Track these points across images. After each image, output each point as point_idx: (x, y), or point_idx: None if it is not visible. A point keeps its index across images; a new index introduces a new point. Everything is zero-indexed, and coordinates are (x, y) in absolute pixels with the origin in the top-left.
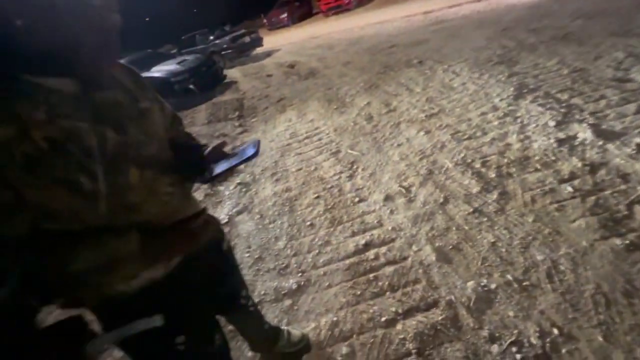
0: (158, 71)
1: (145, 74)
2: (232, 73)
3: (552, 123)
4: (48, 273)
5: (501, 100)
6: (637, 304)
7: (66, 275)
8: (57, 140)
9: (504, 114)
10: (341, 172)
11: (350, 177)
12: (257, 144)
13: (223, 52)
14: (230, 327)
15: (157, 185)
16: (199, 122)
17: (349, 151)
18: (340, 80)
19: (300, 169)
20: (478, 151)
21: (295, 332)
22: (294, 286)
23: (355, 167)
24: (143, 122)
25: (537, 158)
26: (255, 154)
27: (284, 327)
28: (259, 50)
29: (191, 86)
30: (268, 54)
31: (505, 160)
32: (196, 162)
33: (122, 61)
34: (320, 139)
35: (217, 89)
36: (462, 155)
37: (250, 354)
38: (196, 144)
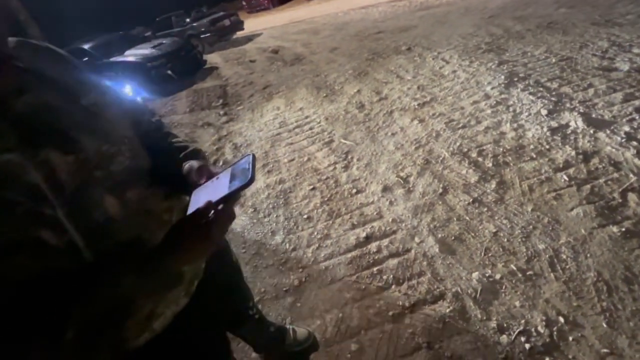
0: (132, 55)
1: (117, 58)
2: (212, 58)
3: (544, 112)
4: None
5: (492, 88)
6: (637, 290)
7: (63, 350)
8: None
9: (496, 102)
10: (336, 163)
11: (346, 167)
12: (250, 164)
13: (202, 36)
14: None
15: (150, 204)
16: (180, 111)
17: (343, 141)
18: (327, 66)
19: (293, 160)
20: (473, 140)
21: (301, 330)
22: (295, 282)
23: (350, 157)
24: (95, 125)
25: (531, 147)
26: (250, 182)
27: (288, 326)
28: (239, 34)
29: (169, 72)
30: (249, 38)
31: (501, 149)
32: (179, 177)
33: (87, 46)
34: (311, 129)
35: (197, 75)
36: (457, 144)
37: (254, 355)
38: (177, 146)
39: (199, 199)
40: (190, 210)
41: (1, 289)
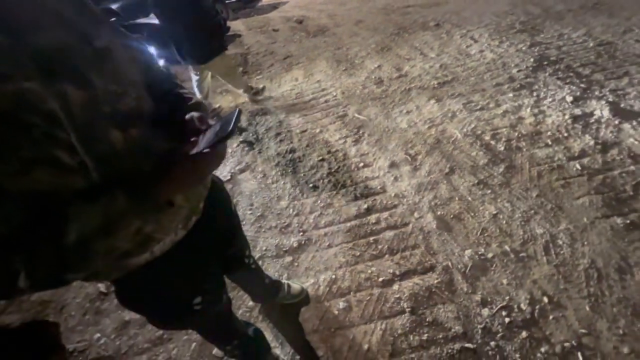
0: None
1: (143, 20)
2: (235, 25)
3: (569, 98)
4: (46, 253)
5: (519, 71)
6: (628, 279)
7: (65, 250)
8: (5, 112)
9: (520, 85)
10: (347, 137)
11: (356, 142)
12: (233, 118)
13: (227, 1)
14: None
15: (152, 143)
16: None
17: (356, 115)
18: (350, 40)
19: (305, 131)
20: (489, 123)
21: (295, 285)
22: (295, 244)
23: (361, 132)
24: (105, 67)
25: (549, 133)
26: (229, 134)
27: (284, 281)
28: (264, 1)
29: None
30: (274, 6)
31: (516, 134)
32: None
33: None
34: (327, 101)
35: None
36: (472, 126)
37: (251, 303)
38: (184, 96)
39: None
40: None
41: (20, 201)
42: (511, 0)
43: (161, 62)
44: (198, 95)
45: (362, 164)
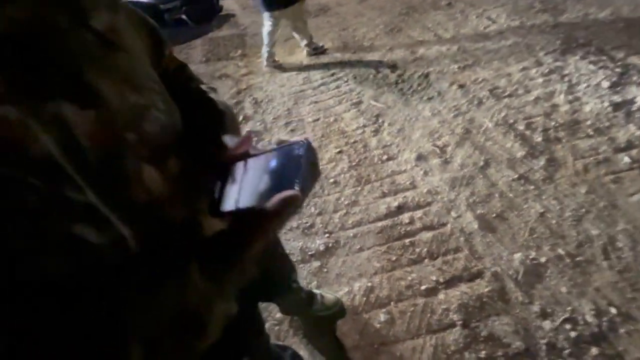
0: None
1: None
2: (228, 4)
3: (605, 84)
4: None
5: (546, 54)
6: None
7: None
8: None
9: (549, 70)
10: (365, 126)
11: (376, 132)
12: (306, 149)
13: None
14: None
15: (195, 177)
16: (195, 60)
17: (372, 102)
18: (356, 20)
19: (318, 120)
20: (521, 111)
21: (329, 296)
22: (322, 247)
23: (380, 121)
24: (114, 62)
25: (588, 123)
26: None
27: (317, 291)
28: None
29: (183, 16)
30: None
31: (553, 123)
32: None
33: None
34: (338, 87)
35: (213, 22)
36: (502, 114)
37: (279, 315)
38: (207, 98)
39: (248, 182)
40: (231, 193)
41: (26, 302)
42: None
43: None
44: (266, 42)
45: (385, 157)
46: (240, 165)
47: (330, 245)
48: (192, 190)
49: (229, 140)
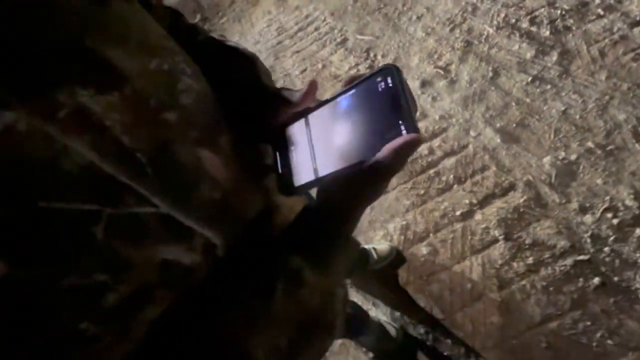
0: None
1: None
2: None
3: None
4: None
5: None
6: None
7: None
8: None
9: None
10: (357, 64)
11: (371, 67)
12: (396, 78)
13: None
14: None
15: (245, 151)
16: None
17: (359, 37)
18: None
19: (305, 70)
20: (521, 7)
21: (381, 246)
22: None
23: (372, 55)
24: (112, 18)
25: (597, 1)
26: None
27: (368, 246)
28: None
29: None
30: None
31: (558, 11)
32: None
33: None
34: (317, 29)
35: None
36: (502, 15)
37: None
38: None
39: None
40: (301, 161)
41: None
42: None
43: None
44: None
45: None
46: (298, 126)
47: None
48: (250, 169)
49: (289, 94)
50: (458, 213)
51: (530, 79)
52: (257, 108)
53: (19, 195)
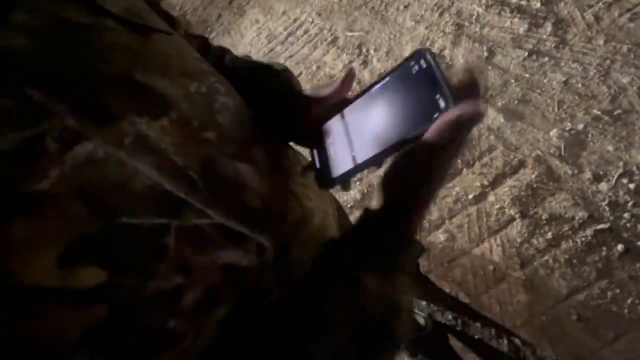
0: None
1: None
2: None
3: None
4: None
5: None
6: None
7: None
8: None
9: None
10: (351, 62)
11: (365, 63)
12: (431, 59)
13: None
14: None
15: (283, 162)
16: None
17: (349, 34)
18: None
19: (300, 74)
20: None
21: None
22: (358, 196)
23: (364, 50)
24: (152, 47)
25: None
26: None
27: None
28: None
29: None
30: None
31: None
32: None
33: None
34: (306, 31)
35: None
36: None
37: None
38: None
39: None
40: (339, 154)
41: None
42: None
43: None
44: None
45: None
46: (334, 121)
47: (365, 191)
48: (284, 177)
49: (318, 90)
50: (470, 196)
51: (526, 53)
52: (293, 114)
53: (106, 213)
